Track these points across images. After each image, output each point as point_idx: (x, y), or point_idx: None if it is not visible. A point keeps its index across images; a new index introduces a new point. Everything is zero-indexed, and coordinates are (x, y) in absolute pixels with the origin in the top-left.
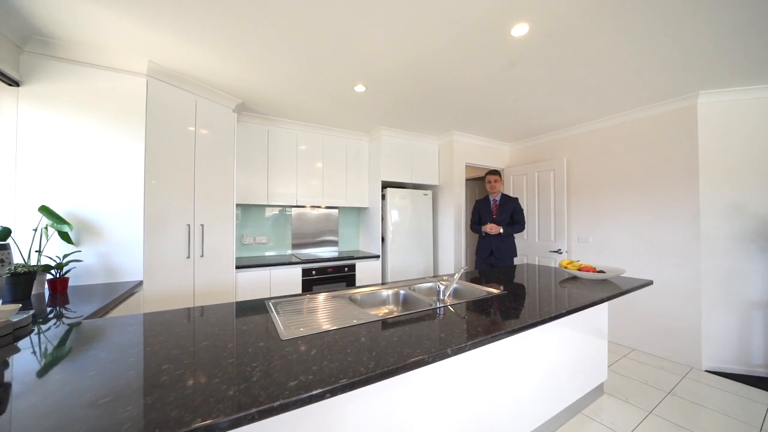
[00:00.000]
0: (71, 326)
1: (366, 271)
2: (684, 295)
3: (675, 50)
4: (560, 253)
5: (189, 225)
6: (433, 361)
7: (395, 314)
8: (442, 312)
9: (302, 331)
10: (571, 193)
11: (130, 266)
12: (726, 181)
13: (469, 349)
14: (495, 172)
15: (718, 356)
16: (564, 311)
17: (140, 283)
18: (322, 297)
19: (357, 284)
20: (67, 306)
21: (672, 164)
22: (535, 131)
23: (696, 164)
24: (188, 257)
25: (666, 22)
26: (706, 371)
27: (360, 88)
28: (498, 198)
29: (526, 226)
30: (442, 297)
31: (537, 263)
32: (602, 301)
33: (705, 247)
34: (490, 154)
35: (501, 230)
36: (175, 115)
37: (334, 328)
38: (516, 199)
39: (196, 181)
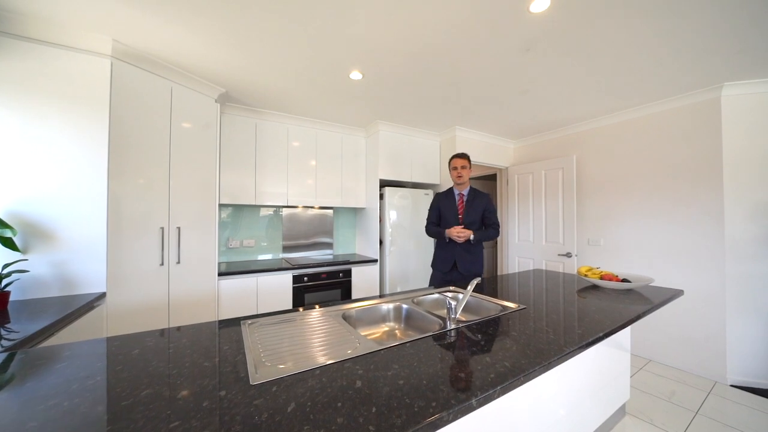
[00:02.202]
0: None
1: (363, 277)
2: (707, 303)
3: (699, 36)
4: (569, 257)
5: (163, 228)
6: (454, 419)
7: (398, 339)
8: (453, 335)
9: (280, 370)
10: (581, 192)
11: (91, 276)
12: (753, 179)
13: (499, 396)
14: (463, 156)
15: (745, 370)
16: (602, 334)
17: (102, 296)
18: (309, 315)
19: (353, 291)
20: (6, 325)
21: (692, 161)
22: (543, 127)
23: (719, 161)
24: (161, 264)
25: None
26: (732, 386)
27: (356, 76)
28: (466, 192)
29: (531, 228)
30: (453, 315)
31: (545, 267)
32: (638, 317)
33: (730, 251)
34: (494, 151)
35: (471, 236)
36: (146, 103)
37: (322, 363)
38: (488, 195)
39: (172, 178)
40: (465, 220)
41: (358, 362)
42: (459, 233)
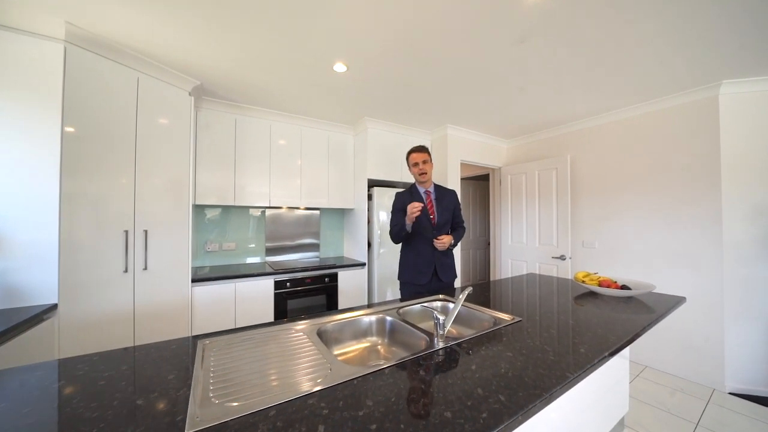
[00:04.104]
0: None
1: (350, 282)
2: (704, 308)
3: (699, 31)
4: (563, 260)
5: (127, 231)
6: None
7: (380, 356)
8: (440, 356)
9: (227, 411)
10: (575, 193)
11: (40, 286)
12: (752, 179)
13: None
14: (422, 149)
15: (744, 377)
16: (607, 354)
17: (53, 308)
18: (278, 332)
19: (339, 297)
20: None
21: (690, 162)
22: (537, 126)
23: (717, 161)
24: (125, 271)
25: None
26: (731, 394)
27: (340, 68)
28: (432, 190)
29: (524, 230)
30: (441, 331)
31: (538, 270)
32: (643, 330)
33: (728, 254)
34: (487, 150)
35: (452, 241)
36: (108, 94)
37: (280, 401)
38: (454, 192)
39: (139, 177)
40: (439, 221)
41: (325, 397)
42: (441, 241)
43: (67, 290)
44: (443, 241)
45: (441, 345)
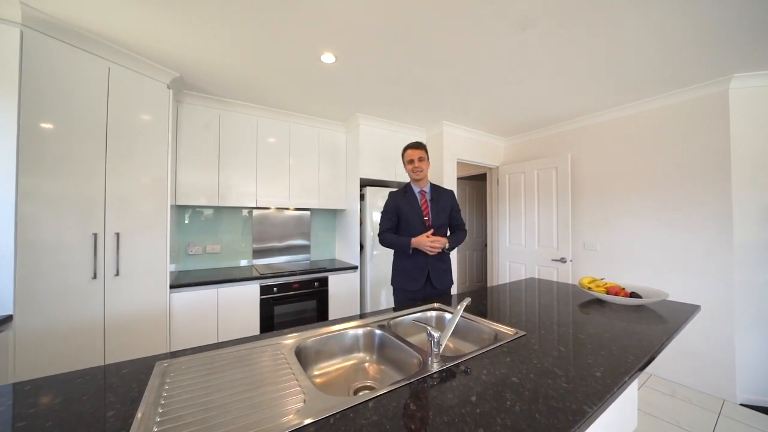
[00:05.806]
0: None
1: (341, 286)
2: (714, 314)
3: (709, 19)
4: (564, 262)
5: (96, 234)
6: None
7: (368, 377)
8: (435, 382)
9: None
10: (576, 193)
11: None
12: (764, 179)
13: None
14: (419, 146)
15: (756, 387)
16: (627, 378)
17: (8, 319)
18: (250, 351)
19: (330, 302)
20: None
21: (698, 160)
22: (537, 123)
23: (727, 160)
24: (94, 277)
25: None
26: (742, 405)
27: (328, 58)
28: (427, 189)
29: (522, 231)
30: (436, 350)
31: (537, 273)
32: (662, 346)
33: (739, 258)
34: (484, 149)
35: (447, 245)
36: (74, 85)
37: None
38: (452, 192)
39: (110, 175)
40: (433, 223)
41: None
42: (433, 243)
43: (25, 299)
44: (436, 245)
45: (436, 368)
